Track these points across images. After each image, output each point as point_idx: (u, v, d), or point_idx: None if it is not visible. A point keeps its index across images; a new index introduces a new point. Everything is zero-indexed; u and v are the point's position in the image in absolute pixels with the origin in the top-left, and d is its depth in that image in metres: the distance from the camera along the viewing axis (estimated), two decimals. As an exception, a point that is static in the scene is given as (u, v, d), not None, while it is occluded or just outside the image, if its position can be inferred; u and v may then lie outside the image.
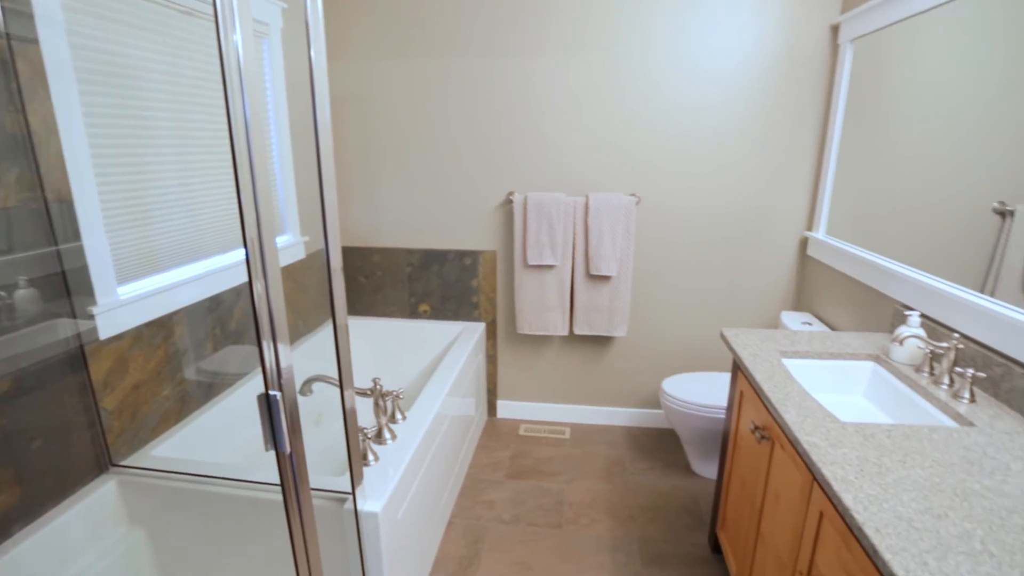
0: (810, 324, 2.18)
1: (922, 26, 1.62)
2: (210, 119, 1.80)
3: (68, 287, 1.35)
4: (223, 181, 1.88)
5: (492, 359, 2.74)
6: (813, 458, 1.04)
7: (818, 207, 2.28)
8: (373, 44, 2.42)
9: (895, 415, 1.40)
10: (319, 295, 2.54)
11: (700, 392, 2.18)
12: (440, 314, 2.73)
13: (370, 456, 1.51)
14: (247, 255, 0.81)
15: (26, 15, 1.21)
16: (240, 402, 1.91)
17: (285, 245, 2.26)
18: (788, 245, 2.41)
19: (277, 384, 0.87)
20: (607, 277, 2.45)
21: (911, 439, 1.10)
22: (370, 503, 1.33)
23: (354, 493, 1.31)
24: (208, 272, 1.80)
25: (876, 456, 1.04)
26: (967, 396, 1.25)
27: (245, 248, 0.81)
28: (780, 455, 1.28)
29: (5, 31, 1.18)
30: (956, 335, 1.32)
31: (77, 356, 1.38)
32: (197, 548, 1.54)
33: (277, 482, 1.33)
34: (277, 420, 0.87)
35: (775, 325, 2.51)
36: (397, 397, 1.69)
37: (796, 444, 1.12)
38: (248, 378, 2.01)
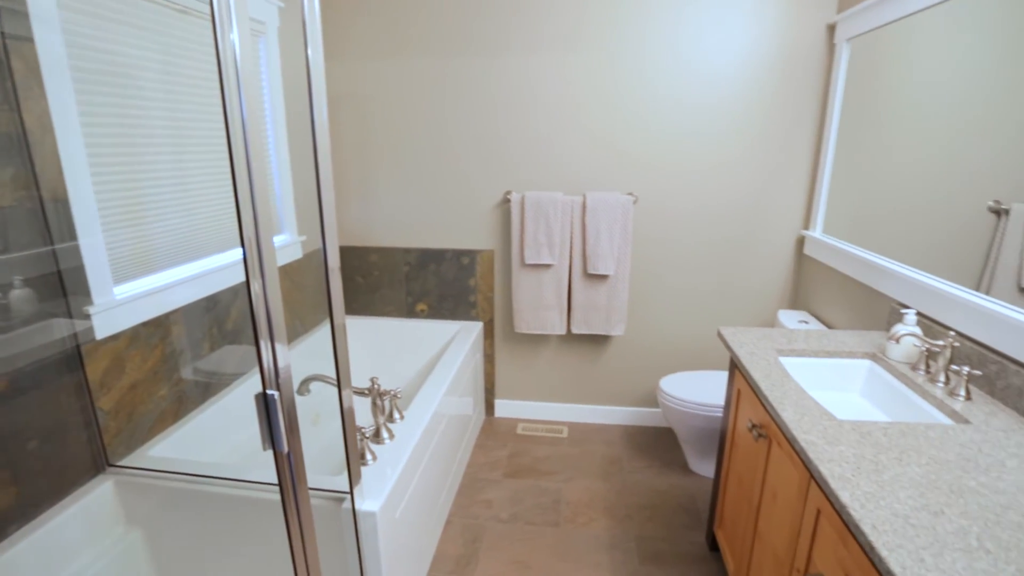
0: (807, 323, 2.19)
1: (918, 26, 1.63)
2: (207, 118, 1.79)
3: (64, 287, 1.34)
4: (220, 180, 1.87)
5: (490, 358, 2.74)
6: (810, 456, 1.04)
7: (815, 206, 2.28)
8: (370, 43, 2.42)
9: (891, 413, 1.41)
10: (316, 295, 2.54)
11: (697, 391, 2.19)
12: (437, 313, 2.73)
13: (368, 455, 1.51)
14: (244, 254, 0.81)
15: (21, 13, 1.21)
16: (237, 402, 1.90)
17: (282, 244, 2.26)
18: (785, 244, 2.41)
19: (275, 383, 0.87)
20: (604, 276, 2.45)
21: (907, 437, 1.10)
22: (368, 502, 1.33)
23: (352, 492, 1.31)
24: (205, 272, 1.79)
25: (873, 454, 1.04)
26: (963, 394, 1.26)
27: (243, 247, 0.81)
28: (777, 453, 1.28)
29: (0, 29, 1.17)
30: (952, 333, 1.33)
31: (73, 356, 1.37)
32: (195, 548, 1.53)
33: (275, 482, 1.33)
34: (275, 419, 0.87)
35: (772, 324, 2.52)
36: (395, 396, 1.69)
37: (793, 442, 1.12)
38: (245, 378, 2.00)
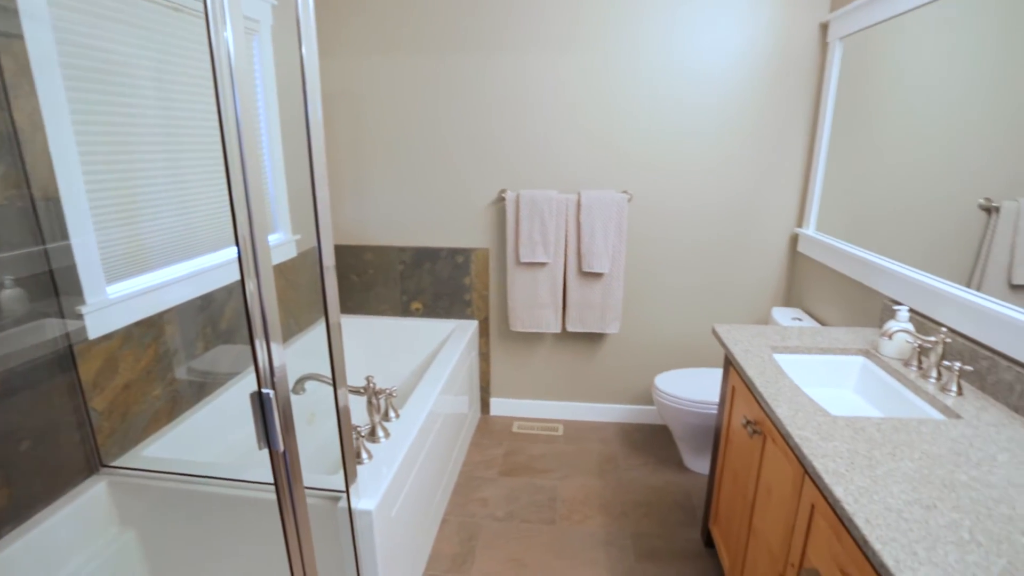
0: (800, 320, 2.20)
1: (909, 25, 1.64)
2: (200, 116, 1.78)
3: (56, 286, 1.33)
4: (213, 178, 1.86)
5: (485, 357, 2.74)
6: (804, 451, 1.05)
7: (808, 204, 2.30)
8: (364, 41, 2.41)
9: (884, 409, 1.42)
10: (311, 293, 2.53)
11: (692, 388, 2.19)
12: (433, 312, 2.72)
13: (363, 454, 1.51)
14: (239, 253, 0.81)
15: (10, 10, 1.19)
16: (232, 401, 1.89)
17: (276, 243, 2.25)
18: (778, 242, 2.43)
19: (270, 382, 0.86)
20: (599, 274, 2.45)
21: (900, 432, 1.11)
22: (364, 501, 1.33)
23: (348, 491, 1.31)
24: (199, 271, 1.78)
25: (866, 449, 1.05)
26: (954, 389, 1.27)
27: (237, 246, 0.81)
28: (772, 449, 1.29)
29: (-11, 26, 1.16)
30: (944, 329, 1.34)
31: (66, 356, 1.36)
32: (189, 548, 1.53)
33: (270, 481, 1.32)
34: (270, 418, 0.87)
35: (766, 321, 2.53)
36: (390, 395, 1.69)
37: (788, 438, 1.13)
38: (240, 377, 1.99)
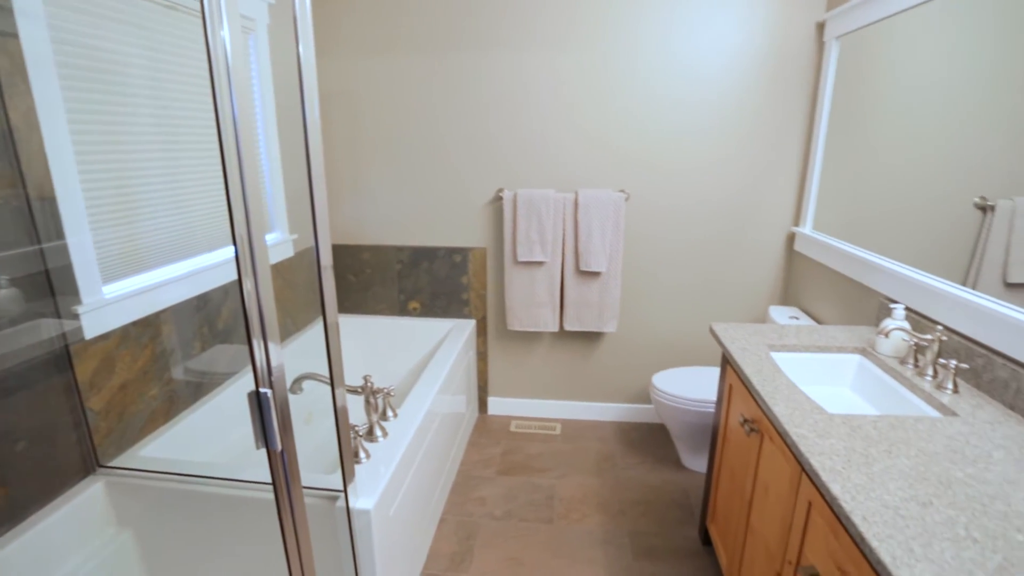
0: (797, 318, 2.21)
1: (905, 24, 1.64)
2: (196, 115, 1.78)
3: (52, 286, 1.33)
4: (210, 178, 1.85)
5: (482, 356, 2.74)
6: (801, 449, 1.05)
7: (804, 203, 2.30)
8: (361, 40, 2.40)
9: (881, 406, 1.43)
10: (308, 293, 2.52)
11: (690, 386, 2.20)
12: (430, 311, 2.72)
13: (361, 454, 1.51)
14: (236, 253, 0.81)
15: (5, 9, 1.19)
16: (229, 401, 1.89)
17: (274, 243, 2.24)
18: (775, 240, 2.43)
19: (268, 381, 0.86)
20: (597, 273, 2.46)
21: (896, 429, 1.12)
22: (362, 500, 1.33)
23: (346, 491, 1.30)
24: (196, 270, 1.78)
25: (863, 446, 1.06)
26: (950, 387, 1.28)
27: (234, 246, 0.80)
28: (769, 447, 1.30)
29: (-16, 25, 1.15)
30: (940, 327, 1.35)
31: (62, 356, 1.36)
32: (187, 549, 1.52)
33: (268, 481, 1.32)
34: (268, 418, 0.87)
35: (763, 319, 2.54)
36: (388, 395, 1.69)
37: (785, 436, 1.13)
38: (237, 377, 1.99)
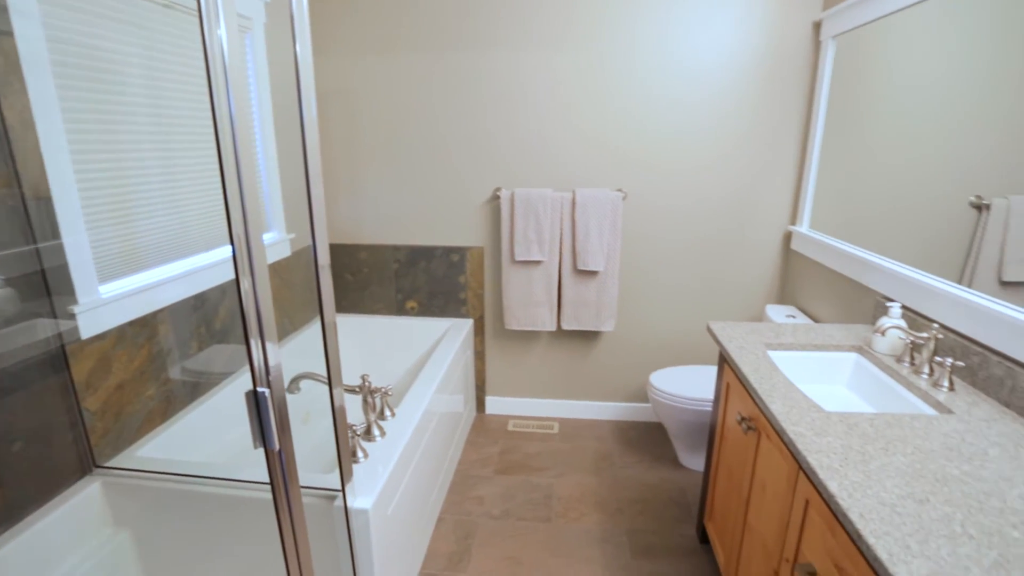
0: (794, 317, 2.21)
1: (901, 23, 1.65)
2: (193, 114, 1.77)
3: (48, 286, 1.32)
4: (206, 177, 1.85)
5: (480, 355, 2.74)
6: (799, 447, 1.06)
7: (801, 202, 2.31)
8: (359, 39, 2.40)
9: (878, 404, 1.43)
10: (305, 293, 2.52)
11: (687, 385, 2.20)
12: (427, 311, 2.72)
13: (359, 453, 1.51)
14: (234, 252, 0.81)
15: (0, 7, 1.18)
16: (226, 401, 1.89)
17: (271, 242, 2.24)
18: (772, 239, 2.44)
19: (265, 381, 0.86)
20: (594, 272, 2.46)
21: (893, 427, 1.12)
22: (360, 500, 1.33)
23: (344, 490, 1.30)
24: (193, 270, 1.77)
25: (860, 444, 1.06)
26: (946, 385, 1.28)
27: (232, 245, 0.80)
28: (766, 445, 1.30)
29: (-21, 24, 1.15)
30: (936, 325, 1.36)
31: (58, 356, 1.35)
32: (184, 549, 1.52)
33: (265, 480, 1.32)
34: (266, 417, 0.86)
35: (760, 318, 2.54)
36: (386, 394, 1.68)
37: (782, 434, 1.14)
38: (234, 377, 1.98)
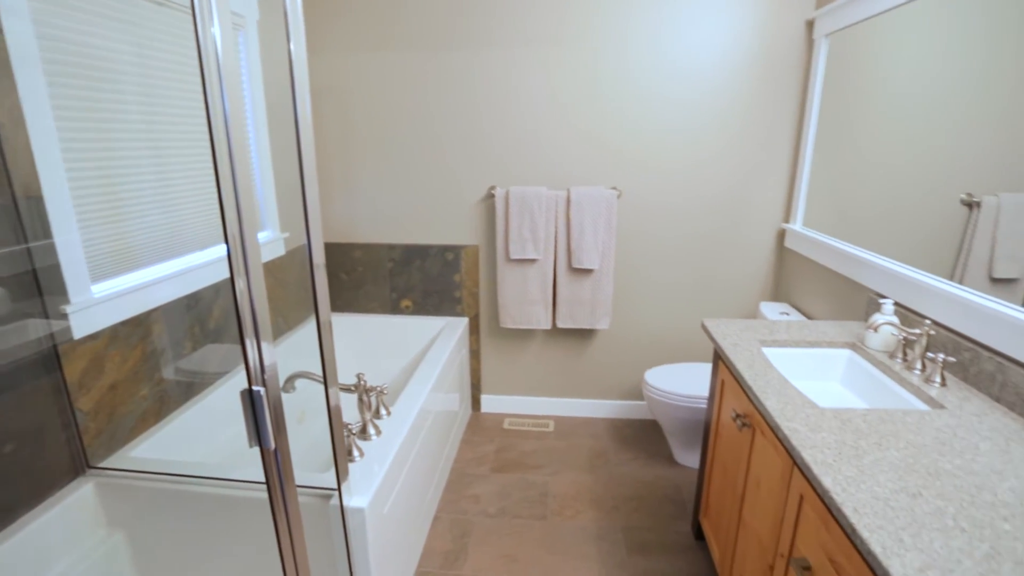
0: (788, 314, 2.22)
1: (894, 22, 1.66)
2: (186, 112, 1.76)
3: (39, 286, 1.31)
4: (200, 176, 1.84)
5: (475, 354, 2.74)
6: (793, 443, 1.07)
7: (795, 200, 2.32)
8: (353, 37, 2.39)
9: (871, 400, 1.44)
10: (300, 292, 2.51)
11: (682, 383, 2.21)
12: (422, 309, 2.72)
13: (355, 452, 1.50)
14: (228, 251, 0.80)
15: (-10, 4, 1.17)
16: (221, 401, 1.88)
17: (265, 241, 2.23)
18: (766, 237, 2.45)
19: (261, 380, 0.86)
20: (589, 270, 2.46)
21: (886, 423, 1.13)
22: (356, 499, 1.33)
23: (340, 489, 1.30)
24: (186, 269, 1.76)
25: (853, 439, 1.07)
26: (938, 380, 1.29)
27: (226, 244, 0.80)
28: (761, 442, 1.31)
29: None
30: (928, 322, 1.37)
31: (50, 356, 1.34)
32: (179, 549, 1.51)
33: (261, 480, 1.31)
34: (261, 416, 0.86)
35: (754, 315, 2.56)
36: (381, 393, 1.68)
37: (777, 430, 1.14)
38: (228, 376, 1.98)
